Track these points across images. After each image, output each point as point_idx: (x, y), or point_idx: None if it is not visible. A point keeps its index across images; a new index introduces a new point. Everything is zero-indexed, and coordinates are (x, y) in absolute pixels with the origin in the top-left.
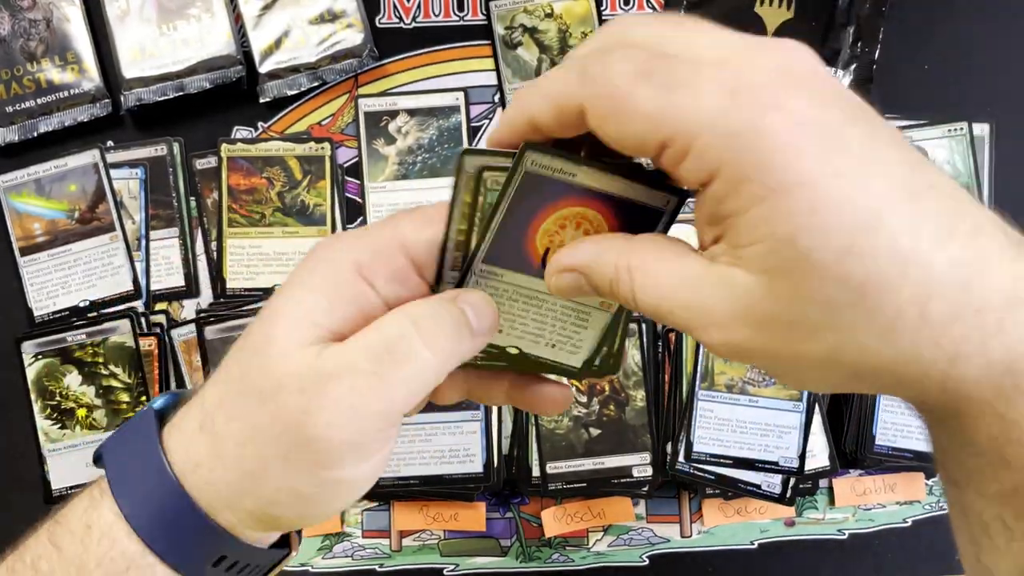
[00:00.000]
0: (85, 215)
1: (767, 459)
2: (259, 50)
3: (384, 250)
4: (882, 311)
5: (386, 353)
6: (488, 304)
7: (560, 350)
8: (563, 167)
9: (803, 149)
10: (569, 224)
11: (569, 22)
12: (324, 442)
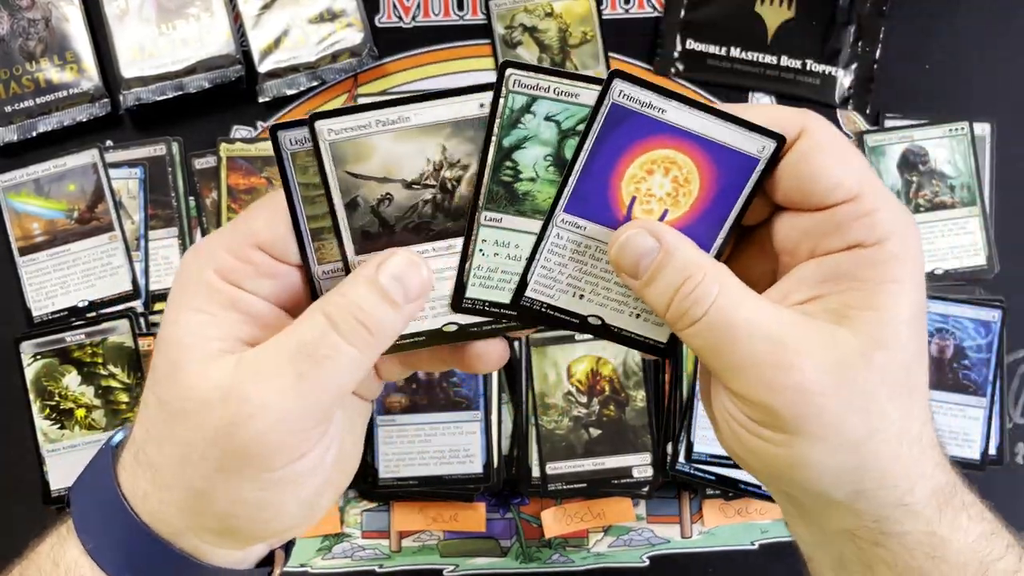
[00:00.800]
0: (84, 215)
1: None
2: (258, 49)
3: (239, 251)
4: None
5: (306, 356)
6: (413, 266)
7: (645, 322)
8: (652, 100)
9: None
10: (657, 169)
11: (569, 21)
12: (256, 447)
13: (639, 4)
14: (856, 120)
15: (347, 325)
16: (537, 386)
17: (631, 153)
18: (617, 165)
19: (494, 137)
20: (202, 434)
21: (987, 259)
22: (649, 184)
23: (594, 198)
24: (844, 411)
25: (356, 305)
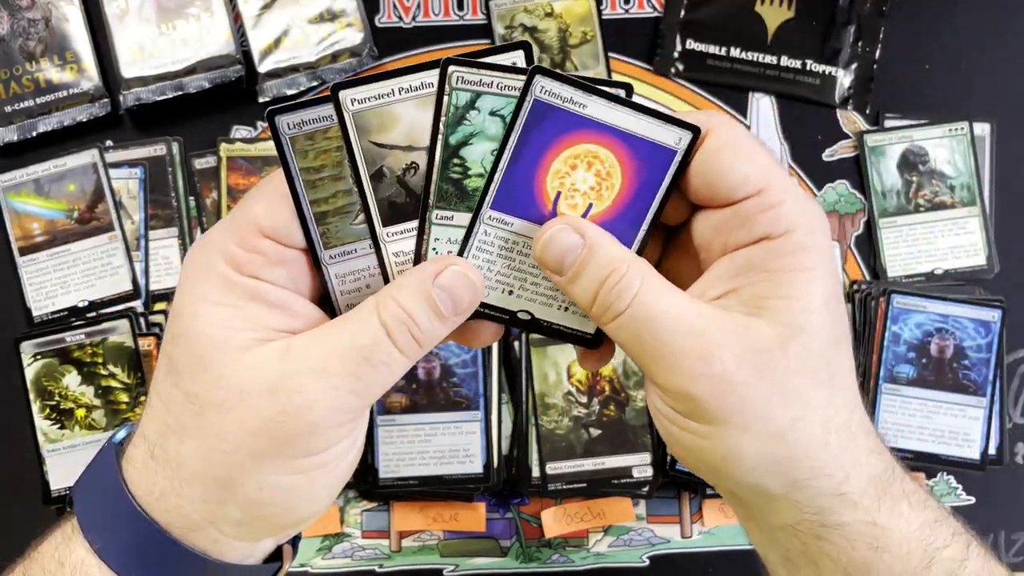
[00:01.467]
0: (84, 215)
1: None
2: (258, 49)
3: (247, 242)
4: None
5: (363, 360)
6: (467, 284)
7: (574, 314)
8: (573, 96)
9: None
10: (580, 163)
11: (569, 21)
12: (305, 436)
13: (639, 4)
14: (856, 120)
15: (401, 337)
16: (537, 386)
17: (555, 148)
18: (542, 160)
19: (440, 135)
20: (243, 424)
21: (987, 259)
22: (573, 179)
23: (520, 194)
24: (766, 400)
25: (410, 318)
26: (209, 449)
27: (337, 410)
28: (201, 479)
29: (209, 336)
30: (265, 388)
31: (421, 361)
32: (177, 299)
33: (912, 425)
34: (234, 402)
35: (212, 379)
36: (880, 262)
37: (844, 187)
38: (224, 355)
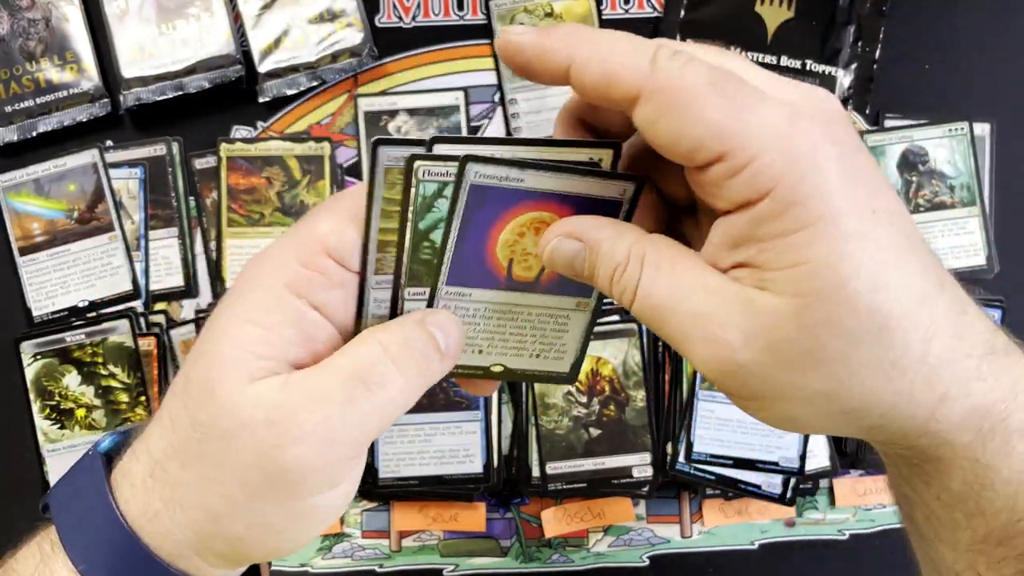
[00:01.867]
0: (84, 215)
1: (767, 459)
2: (258, 49)
3: (311, 261)
4: (895, 347)
5: (359, 380)
6: (454, 323)
7: (545, 359)
8: (508, 174)
9: (851, 184)
10: (528, 231)
11: (569, 21)
12: (297, 473)
13: (639, 4)
14: (856, 120)
15: (400, 355)
16: (537, 386)
17: (500, 223)
18: (488, 237)
19: (409, 222)
20: (240, 457)
21: (987, 259)
22: (523, 244)
23: (473, 268)
24: (788, 376)
25: (408, 338)
26: (207, 479)
27: (332, 441)
28: (196, 508)
29: (226, 358)
30: (262, 419)
31: None
32: (218, 313)
33: None
34: (233, 434)
35: (217, 408)
36: None
37: None
38: (234, 383)
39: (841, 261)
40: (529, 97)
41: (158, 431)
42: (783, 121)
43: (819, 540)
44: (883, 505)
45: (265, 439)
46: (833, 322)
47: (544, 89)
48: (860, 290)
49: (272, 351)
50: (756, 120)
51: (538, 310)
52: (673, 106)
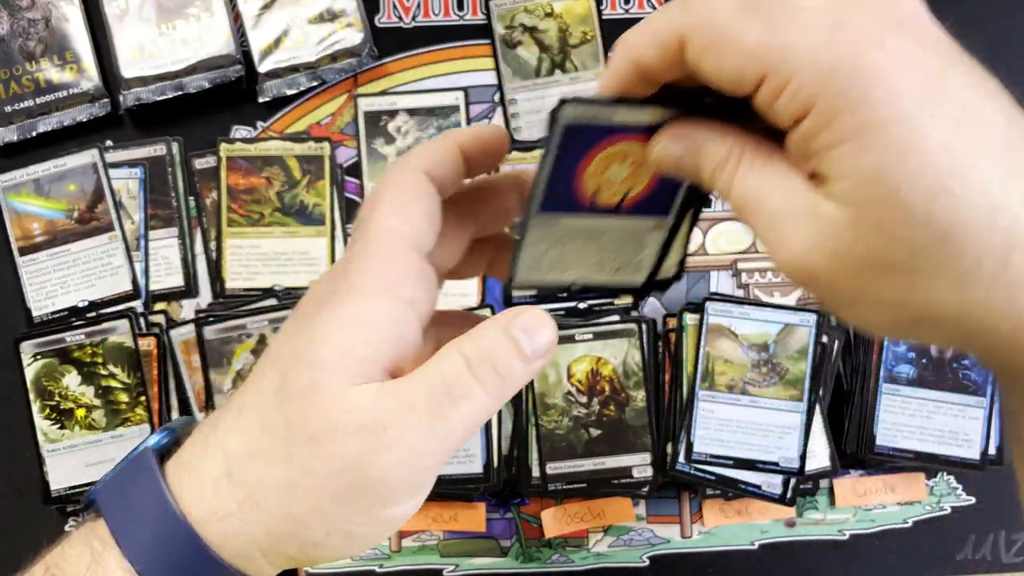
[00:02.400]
0: (84, 215)
1: (768, 460)
2: (258, 49)
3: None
4: (963, 257)
5: (444, 394)
6: (542, 322)
7: (623, 272)
8: (599, 112)
9: (901, 88)
10: (614, 161)
11: (569, 21)
12: (384, 482)
13: (639, 4)
14: None
15: (482, 368)
16: (537, 386)
17: (589, 156)
18: (577, 169)
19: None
20: (329, 463)
21: None
22: (608, 175)
23: (563, 197)
24: (857, 283)
25: (490, 350)
26: (293, 483)
27: (419, 452)
28: (276, 511)
29: (330, 364)
30: (355, 425)
31: None
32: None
33: (912, 425)
34: (326, 438)
35: (316, 412)
36: None
37: None
38: (335, 388)
39: (891, 170)
40: (529, 97)
41: (238, 430)
42: (822, 29)
43: (819, 540)
44: (883, 506)
45: (356, 446)
46: (889, 232)
47: (543, 89)
48: (914, 200)
49: (372, 356)
50: (793, 37)
51: (619, 232)
52: (709, 39)
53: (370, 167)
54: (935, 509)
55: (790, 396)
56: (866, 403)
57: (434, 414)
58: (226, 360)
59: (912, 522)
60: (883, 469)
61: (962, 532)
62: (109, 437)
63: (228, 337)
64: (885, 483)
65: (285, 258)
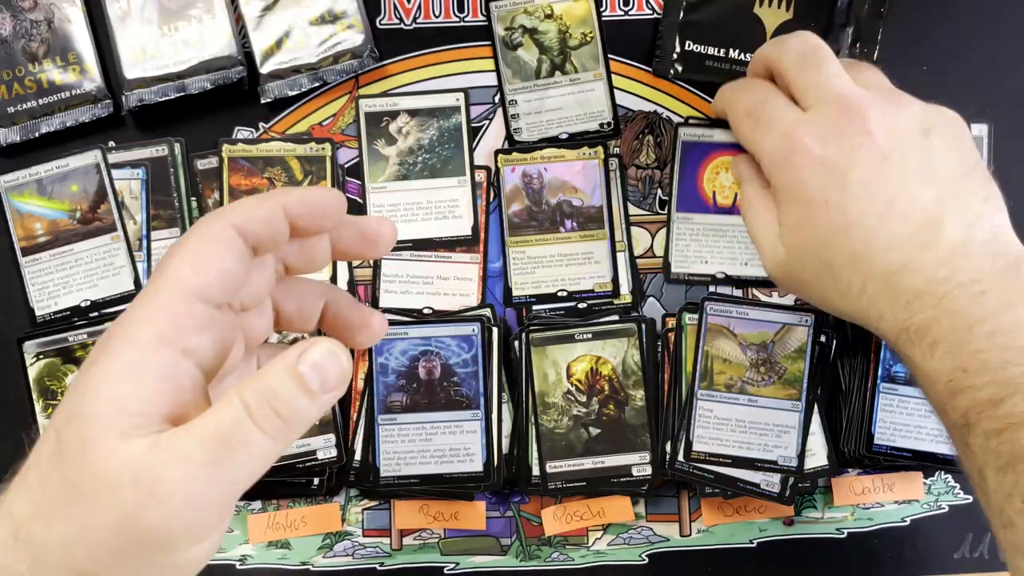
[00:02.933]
0: (87, 215)
1: (766, 458)
2: (260, 51)
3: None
4: (840, 281)
5: (221, 444)
6: (334, 356)
7: (752, 266)
8: (703, 133)
9: (808, 181)
10: (722, 170)
11: (569, 23)
12: (165, 534)
13: (638, 6)
14: None
15: (263, 413)
16: (537, 385)
17: (703, 166)
18: (698, 176)
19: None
20: (105, 519)
21: None
22: (720, 180)
23: (691, 199)
24: (798, 286)
25: (272, 392)
26: (74, 541)
27: (197, 501)
28: (62, 568)
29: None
30: (128, 480)
31: (422, 360)
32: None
33: (910, 424)
34: (100, 495)
35: (88, 468)
36: None
37: None
38: (105, 443)
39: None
40: (529, 98)
41: (22, 493)
42: (777, 138)
43: (817, 539)
44: (881, 504)
45: (130, 500)
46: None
47: (543, 90)
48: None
49: (144, 407)
50: (761, 140)
51: (739, 228)
52: (732, 124)
53: (371, 168)
54: (933, 508)
55: (788, 395)
56: (864, 402)
57: (211, 464)
58: None
59: (910, 520)
60: (881, 468)
61: (960, 530)
62: None
63: None
64: (883, 482)
65: None
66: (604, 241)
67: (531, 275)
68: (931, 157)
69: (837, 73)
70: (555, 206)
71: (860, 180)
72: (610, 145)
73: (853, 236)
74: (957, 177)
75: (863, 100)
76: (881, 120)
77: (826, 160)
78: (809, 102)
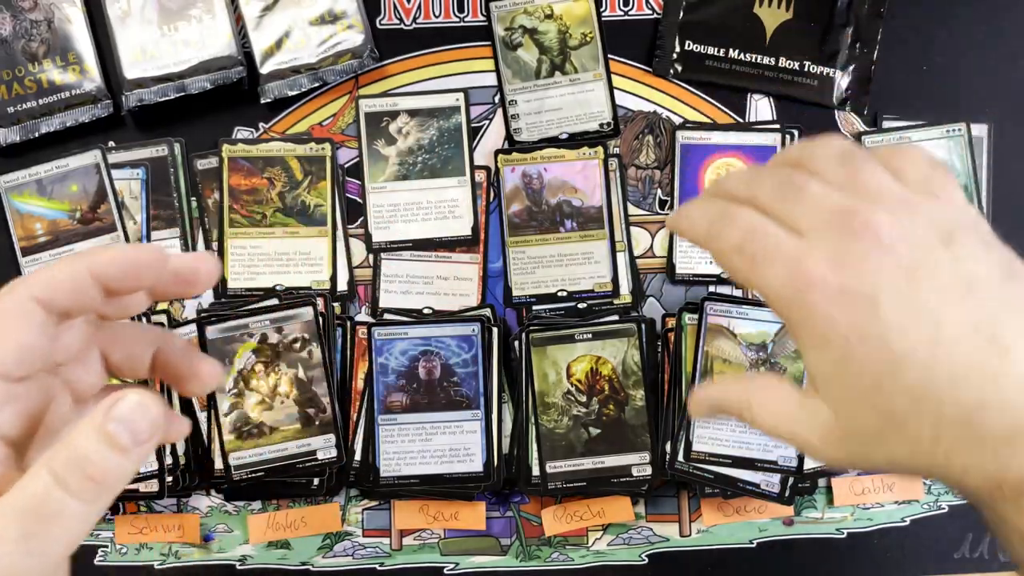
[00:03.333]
0: (87, 215)
1: (766, 459)
2: (260, 51)
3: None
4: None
5: (32, 516)
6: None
7: None
8: (702, 136)
9: (835, 317)
10: (722, 171)
11: (569, 23)
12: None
13: (638, 6)
14: (854, 121)
15: (73, 480)
16: (537, 385)
17: (703, 167)
18: (698, 177)
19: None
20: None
21: None
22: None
23: (692, 196)
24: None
25: (80, 457)
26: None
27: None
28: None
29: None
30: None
31: (422, 360)
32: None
33: None
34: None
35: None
36: None
37: None
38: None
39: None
40: (529, 99)
41: None
42: (782, 276)
43: (817, 539)
44: (880, 504)
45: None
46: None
47: (543, 91)
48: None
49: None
50: (768, 277)
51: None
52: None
53: (371, 168)
54: (932, 508)
55: None
56: None
57: (26, 538)
58: (228, 360)
59: (910, 520)
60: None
61: (960, 530)
62: None
63: (230, 336)
64: (883, 482)
65: (287, 258)
66: (604, 241)
67: (531, 275)
68: (962, 268)
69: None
70: (555, 206)
71: (894, 306)
72: (610, 145)
73: (908, 374)
74: (997, 283)
75: (866, 210)
76: (894, 231)
77: (847, 289)
78: (804, 226)
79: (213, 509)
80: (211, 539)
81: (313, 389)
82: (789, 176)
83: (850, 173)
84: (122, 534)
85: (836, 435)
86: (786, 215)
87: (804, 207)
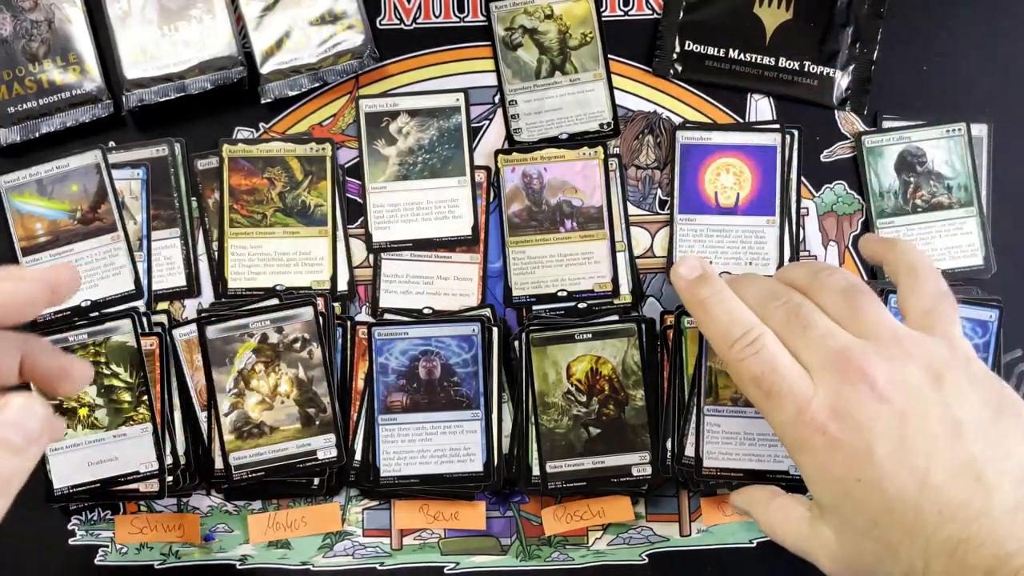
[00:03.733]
0: (87, 215)
1: (777, 469)
2: (260, 51)
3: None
4: (900, 562)
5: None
6: (27, 408)
7: (755, 265)
8: (702, 136)
9: (834, 462)
10: (723, 171)
11: (569, 23)
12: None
13: (638, 6)
14: (854, 121)
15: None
16: (537, 385)
17: (703, 167)
18: (698, 177)
19: None
20: None
21: (984, 259)
22: (722, 181)
23: (693, 200)
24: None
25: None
26: None
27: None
28: None
29: None
30: None
31: (422, 360)
32: None
33: None
34: None
35: None
36: None
37: (842, 188)
38: None
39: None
40: (529, 99)
41: None
42: (791, 412)
43: None
44: None
45: None
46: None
47: (543, 91)
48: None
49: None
50: (778, 415)
51: (741, 228)
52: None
53: (371, 168)
54: None
55: None
56: None
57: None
58: (228, 359)
59: None
60: None
61: None
62: (112, 436)
63: (230, 336)
64: None
65: (287, 258)
66: (604, 241)
67: (531, 275)
68: (950, 410)
69: (826, 329)
70: (555, 206)
71: (887, 455)
72: (610, 145)
73: (900, 514)
74: (985, 423)
75: (861, 357)
76: (889, 379)
77: (845, 441)
78: (810, 362)
79: (213, 509)
80: (211, 539)
81: (313, 389)
82: (798, 309)
83: (852, 309)
84: (122, 534)
85: (841, 558)
86: (794, 348)
87: (809, 343)
